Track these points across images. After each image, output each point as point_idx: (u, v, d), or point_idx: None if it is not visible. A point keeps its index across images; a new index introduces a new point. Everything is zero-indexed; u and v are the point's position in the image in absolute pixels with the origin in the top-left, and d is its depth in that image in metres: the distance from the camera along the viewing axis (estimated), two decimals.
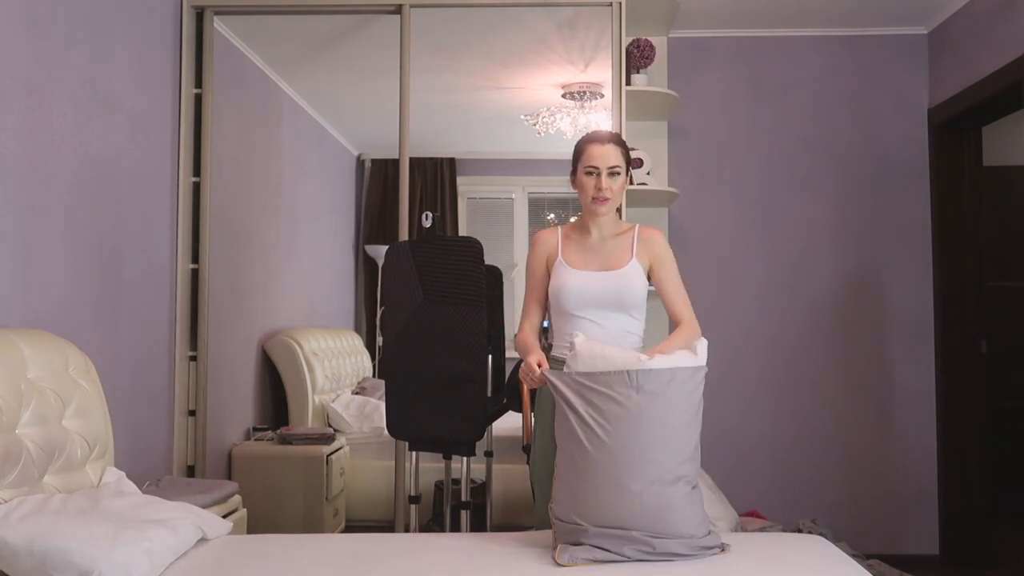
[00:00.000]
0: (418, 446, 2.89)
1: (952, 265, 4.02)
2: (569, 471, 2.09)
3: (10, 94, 2.40)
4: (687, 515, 2.04)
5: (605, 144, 2.40)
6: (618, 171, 2.39)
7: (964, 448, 3.95)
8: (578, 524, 2.03)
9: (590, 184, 2.38)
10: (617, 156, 2.40)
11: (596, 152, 2.39)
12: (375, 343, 4.15)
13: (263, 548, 2.17)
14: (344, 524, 3.84)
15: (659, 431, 2.03)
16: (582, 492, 2.05)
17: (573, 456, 2.07)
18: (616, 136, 2.46)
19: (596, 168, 2.37)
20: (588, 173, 2.39)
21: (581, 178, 2.41)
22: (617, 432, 2.02)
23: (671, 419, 2.06)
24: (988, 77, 3.55)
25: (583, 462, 2.05)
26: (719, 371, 4.11)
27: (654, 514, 2.00)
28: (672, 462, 2.04)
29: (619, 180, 2.40)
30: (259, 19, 3.71)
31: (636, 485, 2.00)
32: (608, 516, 2.01)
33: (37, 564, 1.77)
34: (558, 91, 3.92)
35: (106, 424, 2.48)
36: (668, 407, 2.06)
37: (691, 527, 2.04)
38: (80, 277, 2.75)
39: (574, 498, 2.06)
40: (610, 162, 2.38)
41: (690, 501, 2.07)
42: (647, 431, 2.02)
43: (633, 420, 2.02)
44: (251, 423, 3.85)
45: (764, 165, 4.17)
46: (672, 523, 2.01)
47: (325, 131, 4.18)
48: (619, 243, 2.45)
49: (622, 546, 2.00)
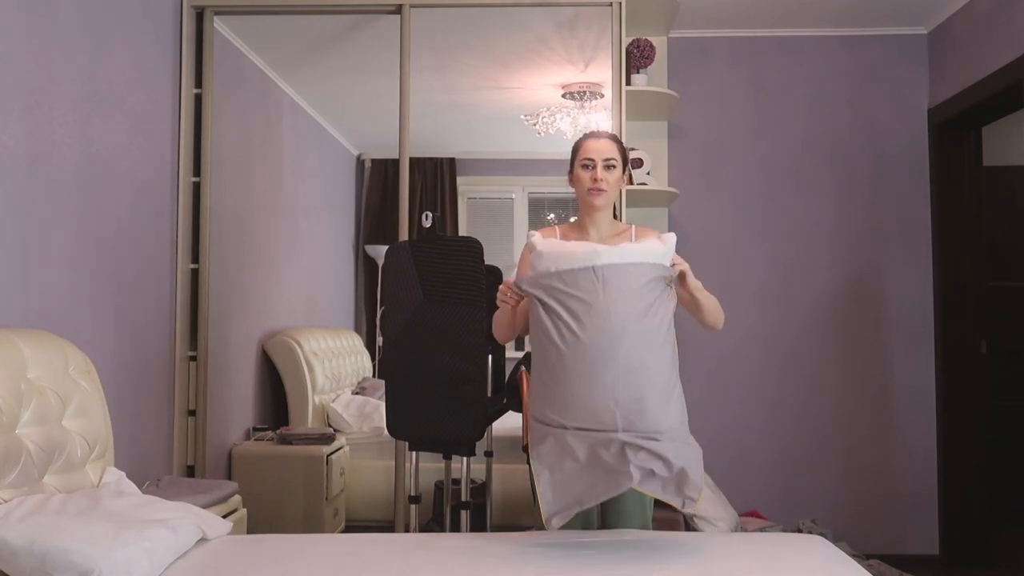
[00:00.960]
0: (418, 446, 2.89)
1: (952, 265, 4.02)
2: (543, 369, 2.11)
3: (10, 94, 2.40)
4: (663, 408, 2.03)
5: (601, 139, 2.44)
6: (614, 164, 2.41)
7: (964, 448, 3.95)
8: (552, 423, 2.05)
9: (586, 176, 2.40)
10: (613, 150, 2.42)
11: (592, 145, 2.42)
12: (375, 343, 4.15)
13: (263, 548, 2.17)
14: (344, 524, 3.84)
15: (629, 324, 2.03)
16: (557, 390, 2.07)
17: (547, 354, 2.09)
18: (613, 135, 2.49)
19: (592, 160, 2.40)
20: (584, 166, 2.41)
21: (578, 172, 2.43)
22: (587, 327, 2.03)
23: (638, 310, 2.06)
24: (988, 77, 3.55)
25: (556, 359, 2.06)
26: (719, 370, 4.12)
27: (627, 405, 2.00)
28: (644, 352, 2.04)
29: (615, 173, 2.41)
30: (259, 19, 3.71)
31: (608, 376, 2.01)
32: (582, 412, 2.02)
33: (37, 564, 1.77)
34: (558, 91, 3.92)
35: (106, 424, 2.48)
36: (636, 298, 2.06)
37: (668, 422, 2.04)
38: (80, 277, 2.75)
39: (550, 397, 2.08)
40: (606, 154, 2.40)
41: (666, 395, 2.06)
42: (617, 324, 2.02)
43: (602, 315, 2.03)
44: (251, 423, 3.85)
45: (764, 165, 4.17)
46: (648, 414, 2.01)
47: (325, 131, 4.18)
48: (618, 242, 2.45)
49: (597, 448, 2.00)
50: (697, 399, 4.08)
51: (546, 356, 2.10)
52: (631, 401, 2.00)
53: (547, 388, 2.11)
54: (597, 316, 2.03)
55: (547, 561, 2.02)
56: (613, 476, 2.01)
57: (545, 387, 2.12)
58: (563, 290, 2.08)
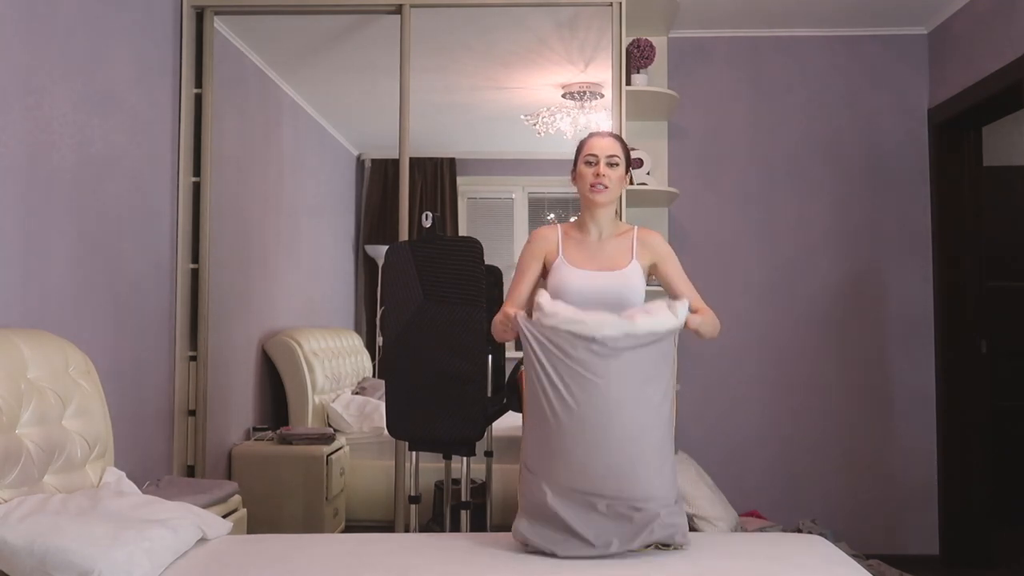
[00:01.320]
0: (418, 446, 2.89)
1: (952, 265, 4.02)
2: (538, 430, 2.13)
3: (10, 94, 2.40)
4: (655, 476, 2.06)
5: (605, 138, 2.44)
6: (617, 161, 2.41)
7: (964, 448, 3.95)
8: (544, 486, 2.07)
9: (588, 172, 2.40)
10: (616, 148, 2.42)
11: (595, 143, 2.42)
12: (375, 343, 4.15)
13: (263, 548, 2.17)
14: (344, 524, 3.84)
15: (626, 396, 2.05)
16: (549, 454, 2.08)
17: (542, 418, 2.11)
18: (616, 134, 2.50)
19: (595, 156, 2.40)
20: (587, 163, 2.41)
21: (581, 168, 2.43)
22: (582, 400, 2.05)
23: (638, 382, 2.07)
24: (988, 77, 3.55)
25: (553, 426, 2.08)
26: (719, 371, 4.12)
27: (620, 471, 2.02)
28: (641, 420, 2.06)
29: (618, 171, 2.41)
30: (259, 19, 3.71)
31: (603, 445, 2.03)
32: (574, 475, 2.04)
33: (37, 564, 1.77)
34: (558, 91, 3.91)
35: (106, 424, 2.48)
36: (637, 371, 2.07)
37: (659, 490, 2.05)
38: (80, 277, 2.75)
39: (541, 455, 2.11)
40: (609, 151, 2.40)
41: (659, 461, 2.08)
42: (614, 397, 2.04)
43: (600, 389, 2.04)
44: (251, 423, 3.85)
45: (764, 165, 4.17)
46: (639, 483, 2.03)
47: (325, 131, 4.18)
48: (619, 244, 2.45)
49: (588, 512, 2.02)
50: (697, 399, 4.09)
51: (541, 419, 2.11)
52: (624, 467, 2.03)
53: (539, 440, 2.13)
54: (595, 389, 2.05)
55: (547, 561, 2.02)
56: (589, 545, 2.03)
57: (538, 439, 2.13)
58: (560, 357, 2.08)
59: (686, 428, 4.07)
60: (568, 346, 2.07)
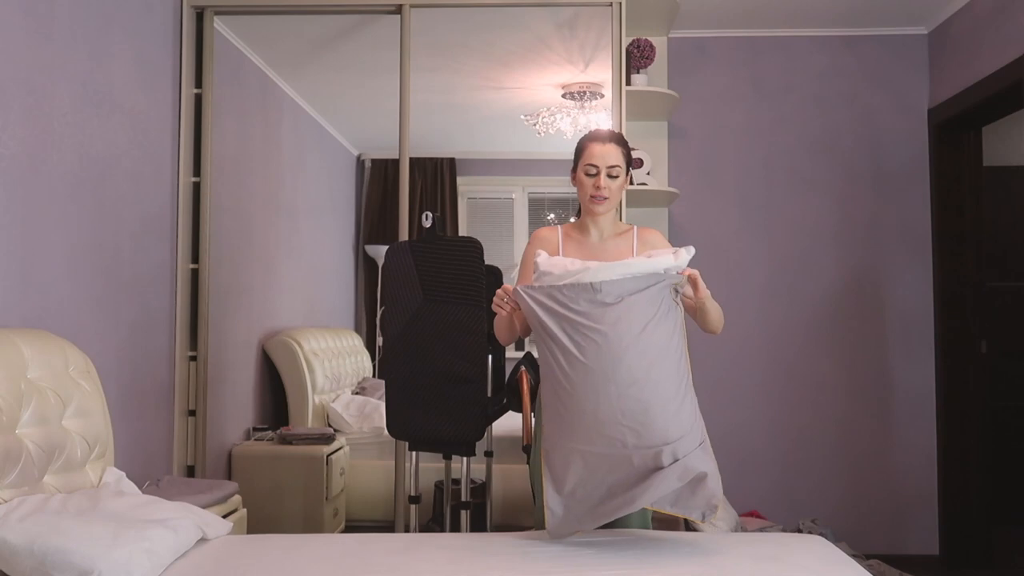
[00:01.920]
0: (418, 446, 2.89)
1: (952, 265, 4.02)
2: (552, 395, 2.13)
3: (10, 94, 2.40)
4: (671, 418, 2.04)
5: (606, 143, 2.40)
6: (617, 172, 2.39)
7: (964, 448, 3.95)
8: (562, 443, 2.08)
9: (589, 183, 2.39)
10: (617, 156, 2.40)
11: (597, 151, 2.39)
12: (375, 343, 4.15)
13: (263, 548, 2.17)
14: (344, 524, 3.84)
15: (629, 339, 2.03)
16: (565, 412, 2.08)
17: (554, 378, 2.11)
18: (618, 135, 2.45)
19: (596, 167, 2.38)
20: (588, 173, 2.39)
21: (580, 176, 2.41)
22: (587, 348, 2.04)
23: (639, 324, 2.05)
24: (988, 77, 3.55)
25: (562, 381, 2.08)
26: (719, 371, 4.12)
27: (633, 417, 2.01)
28: (646, 364, 2.04)
29: (618, 180, 2.40)
30: (259, 19, 3.71)
31: (612, 390, 2.01)
32: (590, 431, 2.04)
33: (37, 564, 1.77)
34: (558, 91, 3.91)
35: (106, 424, 2.48)
36: (637, 313, 2.06)
37: (677, 431, 2.04)
38: (80, 277, 2.75)
39: (559, 419, 2.10)
40: (610, 161, 2.38)
41: (674, 404, 2.06)
42: (616, 341, 2.03)
43: (602, 333, 2.04)
44: (251, 423, 3.85)
45: (764, 165, 4.17)
46: (654, 425, 2.01)
47: (325, 131, 4.18)
48: (619, 244, 2.45)
49: (606, 471, 2.03)
50: (697, 399, 4.08)
51: (553, 381, 2.12)
52: (636, 413, 2.01)
53: (556, 411, 2.13)
54: (598, 335, 2.04)
55: (547, 561, 2.02)
56: (621, 498, 2.01)
57: (554, 410, 2.14)
58: (564, 314, 2.08)
59: None
60: (569, 300, 2.07)
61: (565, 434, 2.10)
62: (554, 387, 2.12)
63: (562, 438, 2.11)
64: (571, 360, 2.06)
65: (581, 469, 2.07)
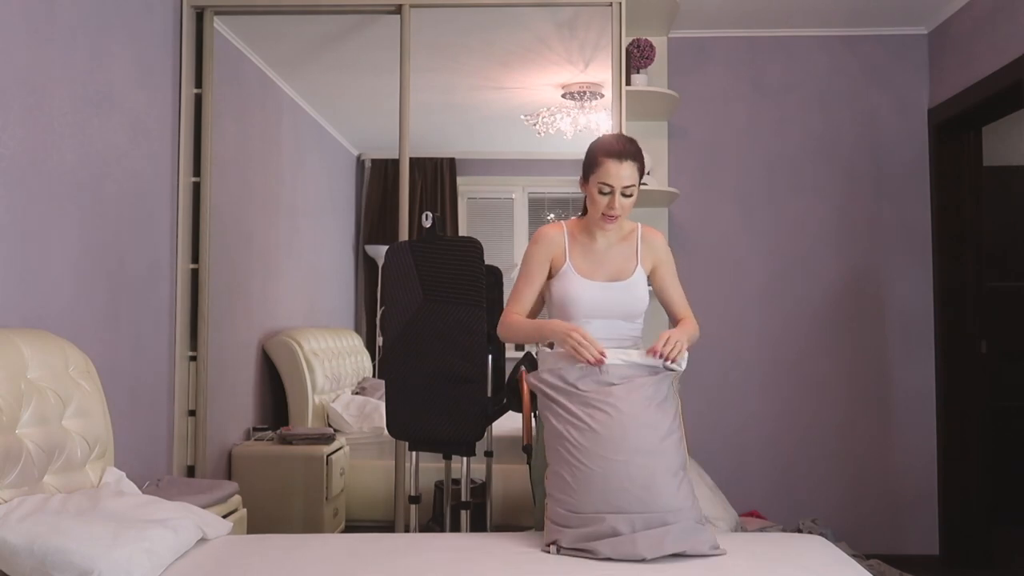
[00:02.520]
0: (418, 446, 2.89)
1: (952, 265, 4.02)
2: (561, 468, 2.17)
3: (10, 94, 2.40)
4: (674, 490, 2.10)
5: (623, 162, 2.29)
6: (631, 191, 2.32)
7: (964, 448, 3.95)
8: (569, 514, 2.11)
9: (602, 202, 2.32)
10: (633, 174, 2.32)
11: (613, 171, 2.28)
12: (375, 343, 4.15)
13: (263, 548, 2.17)
14: (344, 524, 3.84)
15: (638, 412, 2.15)
16: (574, 480, 2.12)
17: (563, 452, 2.17)
18: (635, 150, 2.34)
19: (610, 187, 2.30)
20: (601, 191, 2.31)
21: (592, 191, 2.33)
22: (598, 419, 2.15)
23: (645, 400, 2.19)
24: (988, 77, 3.55)
25: (572, 451, 2.14)
26: (719, 371, 4.12)
27: (640, 483, 2.07)
28: (654, 437, 2.14)
29: (631, 199, 2.34)
30: (259, 19, 3.71)
31: (621, 457, 2.09)
32: (597, 496, 2.08)
33: (37, 564, 1.77)
34: (558, 91, 3.91)
35: (106, 424, 2.48)
36: (642, 392, 2.20)
37: (680, 503, 2.10)
38: (80, 277, 2.75)
39: (567, 491, 2.13)
40: (625, 182, 2.30)
41: (676, 479, 2.13)
42: (627, 412, 2.15)
43: (613, 405, 2.16)
44: (251, 423, 3.85)
45: (764, 165, 4.17)
46: (660, 495, 2.08)
47: (325, 131, 4.18)
48: (624, 249, 2.44)
49: (610, 527, 2.05)
50: (697, 399, 4.09)
51: (564, 457, 2.16)
52: (644, 479, 2.08)
53: (563, 479, 2.15)
54: (609, 407, 2.16)
55: (547, 561, 2.02)
56: (622, 546, 2.04)
57: (561, 479, 2.16)
58: (573, 391, 2.21)
59: (686, 428, 4.07)
60: (577, 381, 2.21)
61: (570, 505, 2.12)
62: (563, 461, 2.16)
63: (564, 501, 2.14)
64: (582, 429, 2.15)
65: (575, 531, 2.11)
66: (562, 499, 2.13)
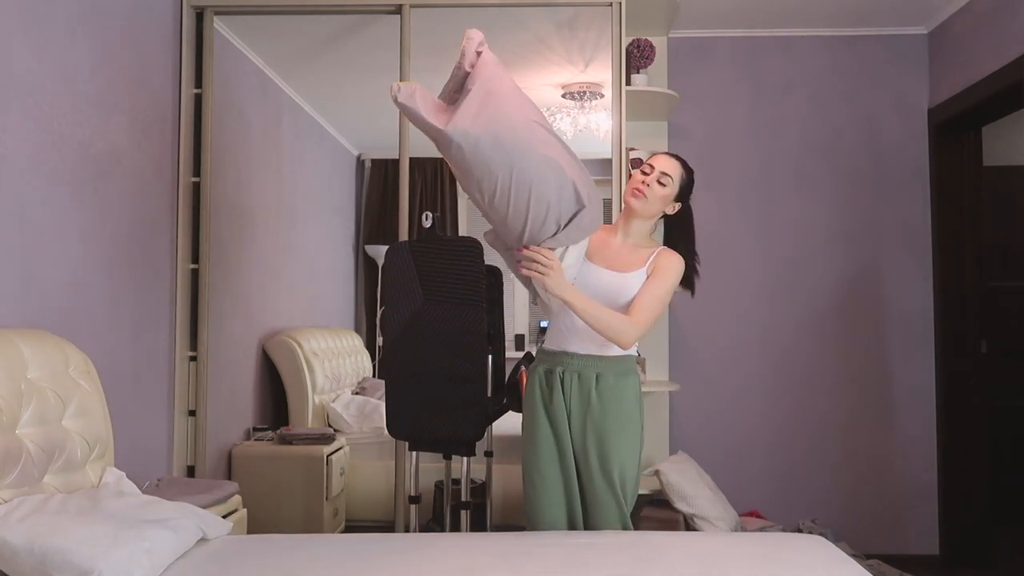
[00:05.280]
0: (418, 446, 2.89)
1: (952, 265, 4.02)
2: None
3: (10, 94, 2.40)
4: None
5: (672, 159, 2.48)
6: (667, 181, 2.43)
7: (964, 448, 3.95)
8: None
9: (636, 176, 2.46)
10: (676, 170, 2.46)
11: (661, 159, 2.47)
12: (375, 343, 4.15)
13: (263, 548, 2.17)
14: (344, 524, 3.84)
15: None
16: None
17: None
18: (686, 163, 2.51)
19: (651, 167, 2.45)
20: (642, 171, 2.47)
21: (635, 173, 2.49)
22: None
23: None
24: (988, 77, 3.55)
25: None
26: (719, 371, 4.12)
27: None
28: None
29: (664, 190, 2.43)
30: (259, 19, 3.71)
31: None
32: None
33: (37, 564, 1.77)
34: (558, 91, 3.91)
35: (106, 424, 2.48)
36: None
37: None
38: (80, 277, 2.75)
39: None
40: (666, 169, 2.44)
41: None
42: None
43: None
44: (251, 423, 3.85)
45: (764, 165, 4.17)
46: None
47: (325, 131, 4.18)
48: (638, 253, 2.46)
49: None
50: (697, 399, 4.09)
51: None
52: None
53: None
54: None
55: (547, 561, 2.02)
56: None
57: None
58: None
59: (686, 428, 4.08)
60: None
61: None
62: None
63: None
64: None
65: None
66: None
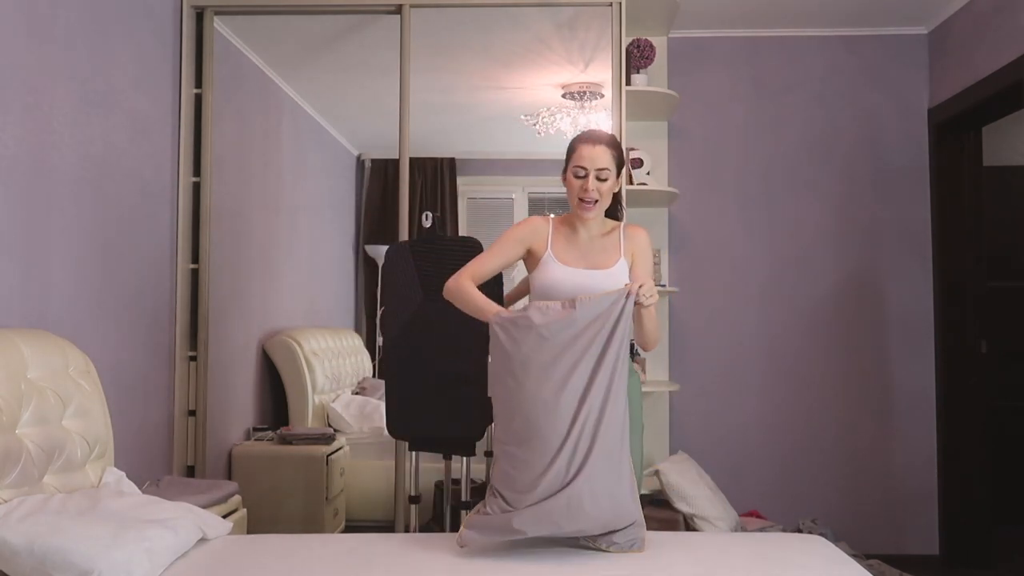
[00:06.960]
0: (418, 446, 2.89)
1: (952, 265, 4.02)
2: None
3: (10, 94, 2.40)
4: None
5: (596, 145, 2.33)
6: (606, 175, 2.33)
7: (964, 448, 3.95)
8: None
9: (577, 186, 2.34)
10: (607, 159, 2.33)
11: (586, 153, 2.33)
12: (375, 343, 4.15)
13: (263, 548, 2.17)
14: (344, 524, 3.84)
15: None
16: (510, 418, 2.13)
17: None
18: (610, 138, 2.39)
19: (584, 170, 2.32)
20: (576, 175, 2.34)
21: (570, 178, 2.37)
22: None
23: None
24: (988, 77, 3.55)
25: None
26: (719, 371, 4.12)
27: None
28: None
29: (607, 184, 2.34)
30: (259, 19, 3.71)
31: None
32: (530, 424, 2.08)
33: (37, 564, 1.77)
34: (558, 91, 3.91)
35: (106, 424, 2.48)
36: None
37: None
38: (80, 277, 2.75)
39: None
40: (599, 164, 2.32)
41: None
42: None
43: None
44: (251, 423, 3.85)
45: (764, 165, 4.17)
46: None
47: (325, 131, 4.18)
48: (607, 242, 2.41)
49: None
50: (697, 399, 4.09)
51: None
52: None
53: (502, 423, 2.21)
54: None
55: (547, 561, 2.02)
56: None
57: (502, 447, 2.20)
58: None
59: (686, 428, 4.08)
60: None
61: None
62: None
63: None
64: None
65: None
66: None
